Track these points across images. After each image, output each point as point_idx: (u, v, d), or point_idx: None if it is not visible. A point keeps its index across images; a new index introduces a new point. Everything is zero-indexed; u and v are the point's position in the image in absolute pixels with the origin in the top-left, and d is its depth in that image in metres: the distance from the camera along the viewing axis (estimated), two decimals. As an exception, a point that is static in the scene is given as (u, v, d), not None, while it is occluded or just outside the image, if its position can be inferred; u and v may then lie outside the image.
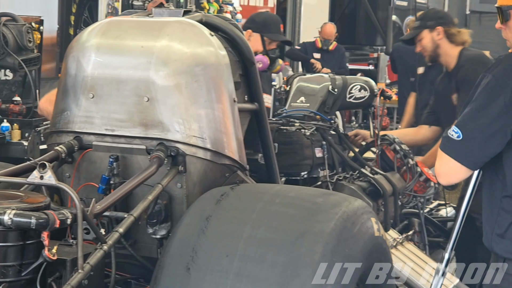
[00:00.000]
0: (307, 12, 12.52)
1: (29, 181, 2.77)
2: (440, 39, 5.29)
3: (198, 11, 3.67)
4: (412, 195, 5.07)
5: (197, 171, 3.29)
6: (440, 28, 5.31)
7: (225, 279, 2.79)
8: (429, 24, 5.34)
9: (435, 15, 5.60)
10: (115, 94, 3.28)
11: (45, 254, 2.60)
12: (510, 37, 3.18)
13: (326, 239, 2.84)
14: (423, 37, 5.36)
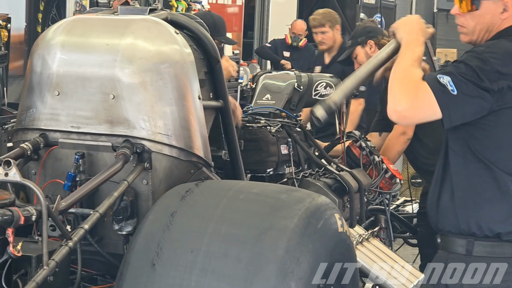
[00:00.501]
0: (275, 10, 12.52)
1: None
2: (373, 51, 5.33)
3: (163, 9, 3.68)
4: (378, 191, 5.09)
5: (163, 168, 3.29)
6: (371, 41, 5.35)
7: (190, 275, 2.80)
8: (360, 40, 5.39)
9: (364, 30, 5.66)
10: (80, 91, 3.27)
11: (9, 250, 2.60)
12: (470, 25, 3.18)
13: (289, 235, 2.85)
14: (358, 53, 5.40)
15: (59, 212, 2.87)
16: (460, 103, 2.95)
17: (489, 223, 3.11)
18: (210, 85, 3.62)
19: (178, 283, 2.80)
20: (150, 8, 3.61)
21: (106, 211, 3.05)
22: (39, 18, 7.63)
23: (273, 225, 2.89)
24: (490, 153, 3.11)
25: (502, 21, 3.15)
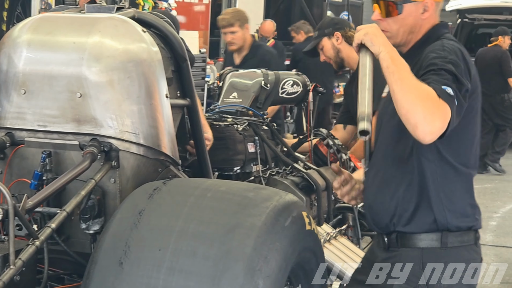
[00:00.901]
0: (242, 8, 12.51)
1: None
2: (340, 43, 5.32)
3: (130, 8, 3.67)
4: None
5: (130, 166, 3.29)
6: (338, 33, 5.34)
7: (158, 273, 2.80)
8: (327, 32, 5.38)
9: (331, 22, 5.66)
10: (47, 90, 3.26)
11: (-25, 250, 2.61)
12: (393, 29, 3.19)
13: (257, 232, 2.86)
14: (324, 45, 5.39)
15: (25, 211, 2.86)
16: (458, 110, 2.97)
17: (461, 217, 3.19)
18: (177, 84, 3.62)
19: (146, 282, 2.79)
20: (117, 7, 3.60)
21: (73, 210, 3.05)
22: (4, 16, 7.58)
23: (241, 223, 2.90)
24: (461, 154, 3.17)
25: (423, 21, 3.20)
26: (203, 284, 2.77)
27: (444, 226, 3.19)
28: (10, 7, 7.62)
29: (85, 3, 3.84)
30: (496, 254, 7.56)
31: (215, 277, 2.76)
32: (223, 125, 4.60)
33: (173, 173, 3.42)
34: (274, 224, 2.93)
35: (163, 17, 3.74)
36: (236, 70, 5.55)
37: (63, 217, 2.97)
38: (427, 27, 3.22)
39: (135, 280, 2.81)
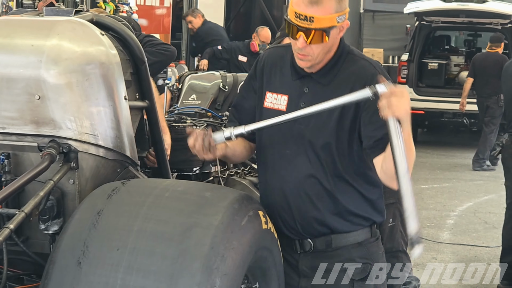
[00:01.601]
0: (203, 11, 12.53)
1: None
2: None
3: (89, 11, 3.67)
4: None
5: (89, 167, 3.29)
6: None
7: (116, 272, 2.79)
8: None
9: None
10: (5, 92, 3.24)
11: None
12: (315, 53, 3.20)
13: (214, 231, 2.87)
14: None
15: (-15, 212, 2.86)
16: None
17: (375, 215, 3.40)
18: (136, 86, 3.62)
19: (104, 281, 2.79)
20: (76, 10, 3.60)
21: (32, 210, 3.03)
22: (-35, 19, 7.54)
23: (198, 222, 2.90)
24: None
25: (337, 40, 3.26)
26: (161, 283, 2.76)
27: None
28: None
29: (43, 6, 3.83)
30: (453, 252, 7.64)
31: (173, 275, 2.77)
32: (182, 126, 4.61)
33: (132, 174, 3.43)
34: (230, 223, 2.94)
35: (121, 21, 3.74)
36: (195, 73, 5.58)
37: (22, 218, 2.96)
38: (337, 44, 3.28)
39: (93, 279, 2.80)
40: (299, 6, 3.13)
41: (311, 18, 3.11)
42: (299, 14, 3.14)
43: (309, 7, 3.12)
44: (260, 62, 3.43)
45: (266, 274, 3.28)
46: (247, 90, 3.47)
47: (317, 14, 3.12)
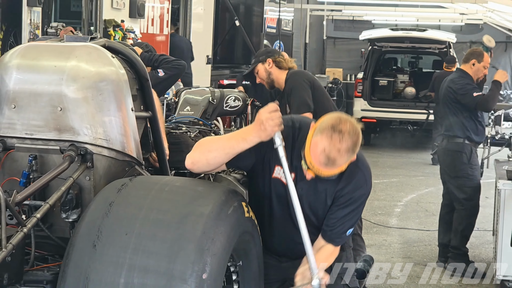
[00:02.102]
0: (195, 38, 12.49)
1: (-41, 177, 2.73)
2: (271, 67, 5.32)
3: (102, 38, 3.66)
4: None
5: (103, 167, 3.27)
6: (269, 59, 5.35)
7: (125, 253, 2.79)
8: (261, 59, 5.39)
9: (265, 51, 5.69)
10: (33, 105, 3.23)
11: (-26, 237, 2.57)
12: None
13: (205, 219, 2.87)
14: (258, 69, 5.38)
15: (15, 204, 2.85)
16: None
17: None
18: (141, 99, 3.60)
19: (115, 261, 2.78)
20: (91, 37, 3.58)
21: (55, 202, 3.03)
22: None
23: (192, 211, 2.90)
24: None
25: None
26: (162, 262, 2.76)
27: None
28: (4, 37, 7.51)
29: (64, 34, 3.81)
30: (400, 234, 7.66)
31: (172, 256, 2.76)
32: (178, 132, 4.60)
33: (138, 172, 3.41)
34: (219, 212, 2.94)
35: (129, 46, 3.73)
36: (189, 88, 5.56)
37: (47, 208, 2.96)
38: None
39: (106, 259, 2.79)
40: (315, 160, 3.03)
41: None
42: (313, 167, 3.06)
43: (323, 167, 3.04)
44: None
45: (248, 254, 3.29)
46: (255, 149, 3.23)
47: (330, 173, 3.08)
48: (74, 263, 2.82)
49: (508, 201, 5.53)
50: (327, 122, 3.03)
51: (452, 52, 14.17)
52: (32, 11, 7.71)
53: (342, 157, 3.01)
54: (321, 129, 3.03)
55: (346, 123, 3.01)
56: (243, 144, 3.13)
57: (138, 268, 2.75)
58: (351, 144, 3.01)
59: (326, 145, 2.98)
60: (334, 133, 2.98)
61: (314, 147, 3.02)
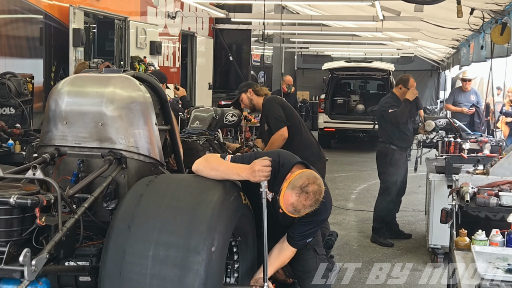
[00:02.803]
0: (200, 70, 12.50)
1: (26, 177, 2.72)
2: (251, 95, 5.27)
3: (131, 70, 3.65)
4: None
5: (134, 167, 3.26)
6: (250, 89, 5.31)
7: (152, 232, 2.78)
8: (243, 89, 5.33)
9: (246, 83, 5.56)
10: (80, 121, 3.22)
11: (37, 222, 2.55)
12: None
13: (213, 206, 2.86)
14: (242, 98, 5.33)
15: (68, 197, 2.83)
16: None
17: None
18: (162, 116, 3.59)
19: (145, 239, 2.77)
20: (123, 69, 3.59)
21: (98, 195, 3.02)
22: (52, 76, 7.44)
23: (203, 200, 2.90)
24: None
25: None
26: (180, 239, 2.75)
27: None
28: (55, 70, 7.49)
29: (103, 67, 3.79)
30: (355, 215, 7.66)
31: (188, 234, 2.75)
32: (190, 141, 4.61)
33: (161, 171, 3.40)
34: (223, 200, 2.94)
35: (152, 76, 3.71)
36: (198, 108, 5.54)
37: (92, 200, 2.95)
38: None
39: (138, 238, 2.78)
40: (285, 208, 3.01)
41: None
42: (283, 209, 3.03)
43: (291, 214, 3.03)
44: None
45: (245, 232, 3.28)
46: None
47: (295, 216, 3.06)
48: (114, 241, 2.81)
49: (437, 189, 5.54)
50: (298, 182, 2.99)
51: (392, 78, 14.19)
52: (77, 50, 7.68)
53: (306, 209, 3.00)
54: (293, 186, 2.99)
55: (313, 185, 2.98)
56: (236, 177, 3.09)
57: (162, 244, 2.74)
58: (314, 201, 2.99)
59: (294, 200, 2.97)
60: (302, 193, 2.96)
61: (285, 199, 3.00)
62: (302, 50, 21.06)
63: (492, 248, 2.89)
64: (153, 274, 2.69)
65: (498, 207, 3.46)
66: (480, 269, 2.55)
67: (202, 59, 12.75)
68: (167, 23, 10.96)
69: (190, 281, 2.66)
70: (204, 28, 12.91)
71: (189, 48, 12.31)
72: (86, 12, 8.04)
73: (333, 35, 16.39)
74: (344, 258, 5.69)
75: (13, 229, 2.52)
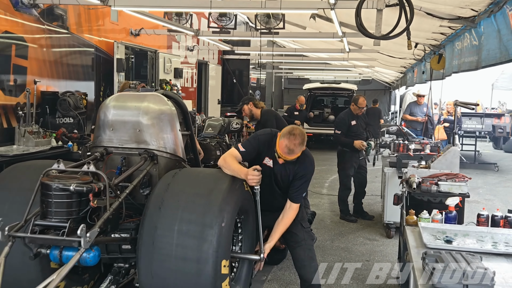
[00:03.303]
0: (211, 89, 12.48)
1: (83, 170, 2.70)
2: (251, 107, 5.24)
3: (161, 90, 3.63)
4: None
5: (163, 163, 3.23)
6: (251, 102, 5.27)
7: (177, 211, 2.76)
8: (246, 102, 5.30)
9: (247, 97, 5.47)
10: (122, 128, 3.20)
11: (90, 204, 2.54)
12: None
13: (223, 192, 2.84)
14: (244, 108, 5.29)
15: (114, 185, 2.81)
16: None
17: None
18: (184, 124, 3.57)
19: (172, 216, 2.75)
20: (155, 89, 3.57)
21: (136, 183, 3.00)
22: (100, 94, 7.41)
23: (216, 187, 2.87)
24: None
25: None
26: (198, 217, 2.73)
27: None
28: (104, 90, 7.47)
29: (140, 87, 3.76)
30: (328, 198, 7.59)
31: (204, 213, 2.73)
32: (205, 143, 4.57)
33: (183, 166, 3.38)
34: (231, 187, 2.92)
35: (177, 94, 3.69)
36: (210, 118, 5.52)
37: (132, 187, 2.93)
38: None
39: (166, 215, 2.76)
40: (281, 151, 3.08)
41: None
42: (281, 155, 3.10)
43: (286, 155, 3.09)
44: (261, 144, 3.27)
45: (247, 211, 3.24)
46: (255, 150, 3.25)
47: (291, 158, 3.11)
48: (148, 218, 2.79)
49: (390, 179, 5.52)
50: (286, 130, 3.12)
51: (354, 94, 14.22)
52: (119, 75, 7.64)
53: (296, 148, 3.08)
54: (283, 134, 3.10)
55: (297, 129, 3.11)
56: (239, 176, 3.06)
57: (185, 220, 2.73)
58: (301, 140, 3.09)
59: (287, 143, 3.06)
60: (290, 136, 3.06)
61: (281, 145, 3.09)
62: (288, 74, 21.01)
63: (434, 224, 2.89)
64: (177, 243, 2.68)
65: (437, 193, 3.46)
66: (426, 240, 2.55)
67: (213, 81, 12.72)
68: (187, 54, 10.93)
69: (205, 249, 2.65)
70: (214, 58, 12.87)
71: (203, 73, 12.28)
72: (127, 46, 8.00)
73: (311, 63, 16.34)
74: (320, 231, 5.66)
75: (72, 209, 2.52)
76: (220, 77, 13.28)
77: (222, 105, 13.32)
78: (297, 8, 5.68)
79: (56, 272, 2.33)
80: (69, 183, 2.49)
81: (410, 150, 5.79)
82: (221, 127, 5.10)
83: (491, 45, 3.61)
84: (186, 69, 10.80)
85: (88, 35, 6.96)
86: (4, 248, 2.44)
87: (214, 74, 12.77)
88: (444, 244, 2.51)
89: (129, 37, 8.16)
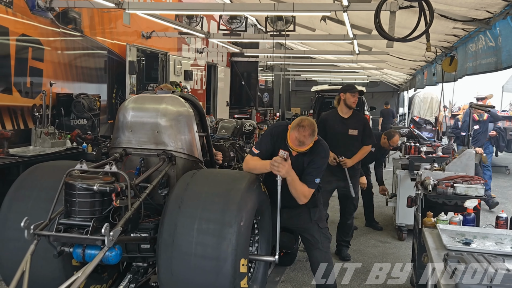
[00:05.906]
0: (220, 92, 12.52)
1: (105, 170, 2.74)
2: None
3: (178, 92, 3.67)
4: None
5: (181, 164, 3.27)
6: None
7: (196, 210, 2.79)
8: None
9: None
10: (141, 129, 3.24)
11: (113, 203, 2.58)
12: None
13: (242, 191, 2.87)
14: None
15: (134, 185, 2.85)
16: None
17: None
18: (201, 126, 3.61)
19: (191, 215, 2.78)
20: (172, 91, 3.61)
21: (155, 184, 3.03)
22: (113, 96, 7.48)
23: (234, 187, 2.90)
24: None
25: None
26: (217, 215, 2.75)
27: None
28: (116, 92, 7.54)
29: (157, 89, 3.82)
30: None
31: (223, 212, 2.76)
32: (218, 144, 4.61)
33: (200, 166, 3.41)
34: (249, 188, 2.94)
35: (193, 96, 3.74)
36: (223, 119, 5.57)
37: (151, 187, 2.97)
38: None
39: (186, 215, 2.79)
40: (293, 144, 3.10)
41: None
42: (293, 148, 3.12)
43: (298, 147, 3.11)
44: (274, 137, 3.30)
45: (263, 212, 3.26)
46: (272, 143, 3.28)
47: (303, 149, 3.12)
48: (168, 217, 2.83)
49: (402, 181, 5.53)
50: (295, 123, 3.14)
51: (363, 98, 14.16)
52: (131, 77, 7.71)
53: (307, 139, 3.10)
54: (293, 127, 3.14)
55: (305, 120, 3.12)
56: (266, 170, 3.14)
57: (204, 219, 2.76)
58: (311, 131, 3.10)
59: (297, 135, 3.09)
60: (300, 128, 3.09)
61: (291, 138, 3.13)
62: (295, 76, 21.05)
63: (452, 226, 2.89)
64: (197, 242, 2.71)
65: (453, 195, 3.47)
66: (445, 242, 2.56)
67: (222, 83, 12.77)
68: (196, 57, 11.00)
69: (224, 247, 2.68)
70: (223, 60, 12.93)
71: (212, 75, 12.33)
72: (138, 48, 8.08)
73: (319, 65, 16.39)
74: (332, 233, 5.56)
75: (96, 209, 2.56)
76: (228, 79, 13.32)
77: (231, 107, 13.35)
78: (310, 11, 5.73)
79: (81, 270, 2.37)
80: (92, 183, 2.54)
81: (422, 153, 5.81)
82: (234, 128, 5.14)
83: (510, 46, 3.61)
84: (196, 71, 10.87)
85: (101, 38, 7.04)
86: (30, 246, 2.50)
87: (223, 76, 12.82)
88: (463, 246, 2.52)
89: (140, 39, 8.24)
